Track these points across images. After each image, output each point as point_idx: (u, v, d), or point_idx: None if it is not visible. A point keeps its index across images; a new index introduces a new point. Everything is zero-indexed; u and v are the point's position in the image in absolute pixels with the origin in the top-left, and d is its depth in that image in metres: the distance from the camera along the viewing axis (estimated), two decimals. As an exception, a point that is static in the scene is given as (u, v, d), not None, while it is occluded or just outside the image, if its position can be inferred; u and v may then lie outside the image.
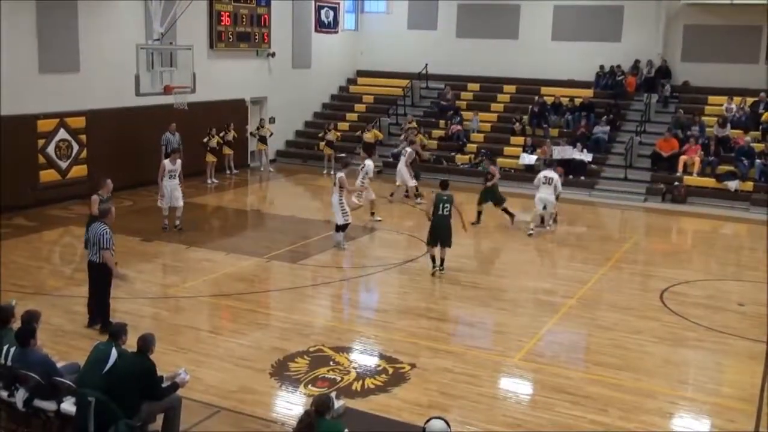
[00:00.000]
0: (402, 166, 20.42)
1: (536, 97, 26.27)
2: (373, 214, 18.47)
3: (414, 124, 25.42)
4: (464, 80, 28.14)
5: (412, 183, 20.46)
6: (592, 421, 8.95)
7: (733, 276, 15.22)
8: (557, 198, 17.98)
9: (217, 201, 21.07)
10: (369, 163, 18.42)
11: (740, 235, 18.87)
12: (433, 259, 14.28)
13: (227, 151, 23.41)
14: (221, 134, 22.93)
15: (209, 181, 22.47)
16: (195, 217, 18.30)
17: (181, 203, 16.79)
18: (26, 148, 18.50)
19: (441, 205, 14.04)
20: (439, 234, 14.12)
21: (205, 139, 22.24)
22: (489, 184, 18.49)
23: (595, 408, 9.26)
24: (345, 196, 15.93)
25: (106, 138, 20.06)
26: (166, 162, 16.70)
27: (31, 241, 16.19)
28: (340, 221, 15.81)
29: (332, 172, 24.31)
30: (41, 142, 18.90)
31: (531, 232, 17.52)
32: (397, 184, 20.71)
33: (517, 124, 25.58)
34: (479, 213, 18.43)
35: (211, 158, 22.52)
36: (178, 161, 16.76)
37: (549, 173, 17.90)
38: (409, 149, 20.93)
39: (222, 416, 8.84)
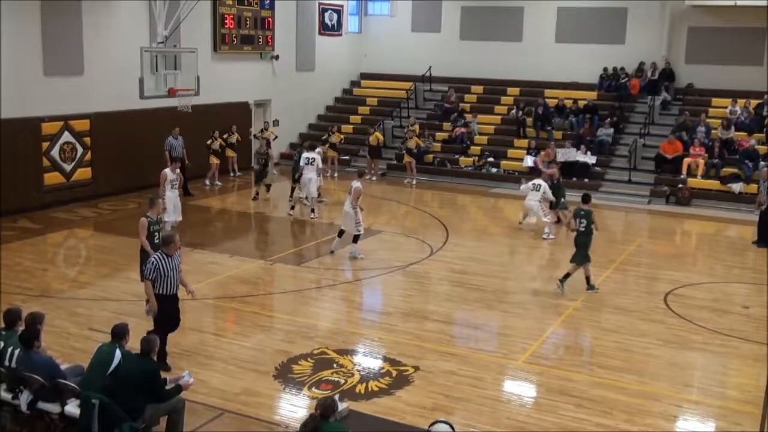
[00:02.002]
0: (314, 175, 18.76)
1: (540, 99, 26.26)
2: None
3: (416, 127, 25.44)
4: (468, 83, 28.14)
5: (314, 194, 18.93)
6: (596, 424, 8.93)
7: (738, 278, 15.18)
8: (552, 205, 18.14)
9: (220, 203, 21.09)
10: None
11: (744, 238, 18.79)
12: (588, 279, 13.62)
13: (231, 153, 23.44)
14: (224, 137, 22.95)
15: (211, 183, 22.49)
16: (199, 220, 18.33)
17: (181, 217, 15.73)
18: (30, 151, 18.53)
19: (578, 221, 13.54)
20: (576, 249, 13.61)
21: (209, 142, 22.26)
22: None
23: (599, 411, 9.24)
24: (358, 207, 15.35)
25: (111, 141, 20.11)
26: (168, 171, 15.54)
27: (36, 244, 16.21)
28: (353, 231, 15.40)
29: (335, 175, 24.46)
30: (45, 144, 18.93)
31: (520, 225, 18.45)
32: (302, 196, 19.21)
33: (528, 119, 25.60)
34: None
35: (214, 161, 22.54)
36: (178, 170, 15.87)
37: (537, 180, 18.15)
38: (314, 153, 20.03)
39: (226, 419, 8.84)
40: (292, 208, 19.53)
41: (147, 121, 20.56)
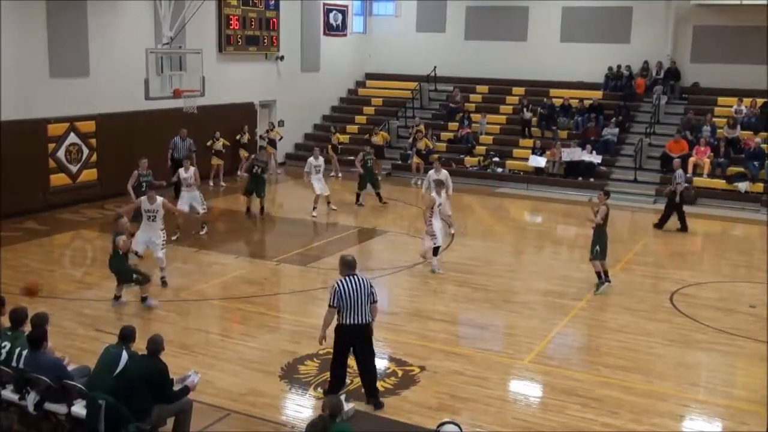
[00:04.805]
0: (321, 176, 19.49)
1: (545, 99, 26.23)
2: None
3: (421, 127, 25.43)
4: (473, 82, 28.11)
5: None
6: (603, 424, 8.93)
7: (744, 278, 15.15)
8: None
9: (226, 204, 21.09)
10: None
11: (751, 237, 18.78)
12: (599, 275, 13.68)
13: (244, 154, 23.32)
14: (237, 137, 22.98)
15: (216, 184, 22.48)
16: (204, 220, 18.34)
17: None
18: (36, 152, 18.59)
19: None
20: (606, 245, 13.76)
21: (209, 143, 22.18)
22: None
23: (605, 411, 9.24)
24: (430, 216, 14.58)
25: (116, 142, 20.14)
26: (143, 199, 13.59)
27: (42, 245, 16.26)
28: (428, 242, 14.66)
29: (339, 176, 24.46)
30: (51, 146, 19.00)
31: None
32: (326, 194, 19.51)
33: (533, 118, 25.59)
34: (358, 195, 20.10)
35: (216, 161, 22.54)
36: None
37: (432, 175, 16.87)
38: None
39: (232, 419, 8.86)
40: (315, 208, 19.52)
41: (152, 123, 20.59)
